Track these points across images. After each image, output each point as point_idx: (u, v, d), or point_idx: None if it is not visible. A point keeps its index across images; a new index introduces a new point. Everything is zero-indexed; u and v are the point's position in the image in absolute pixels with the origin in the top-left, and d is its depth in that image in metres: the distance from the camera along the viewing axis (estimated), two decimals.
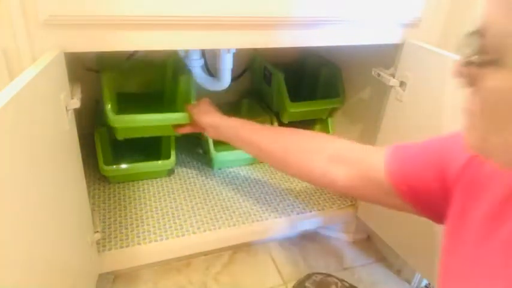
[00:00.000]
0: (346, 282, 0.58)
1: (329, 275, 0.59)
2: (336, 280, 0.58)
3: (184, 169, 1.07)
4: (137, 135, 0.91)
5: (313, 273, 0.59)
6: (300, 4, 0.63)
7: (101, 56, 0.98)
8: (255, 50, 1.18)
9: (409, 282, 0.89)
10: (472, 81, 0.27)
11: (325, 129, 1.16)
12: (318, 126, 1.19)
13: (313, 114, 1.14)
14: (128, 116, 0.85)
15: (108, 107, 0.83)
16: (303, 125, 1.23)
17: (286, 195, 1.01)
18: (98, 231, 0.72)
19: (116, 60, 0.99)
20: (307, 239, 0.98)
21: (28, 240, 0.41)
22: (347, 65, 1.08)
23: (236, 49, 0.92)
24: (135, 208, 0.91)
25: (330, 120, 1.15)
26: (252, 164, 1.13)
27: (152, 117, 0.86)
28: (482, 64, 0.25)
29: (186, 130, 0.88)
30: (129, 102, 0.98)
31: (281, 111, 1.10)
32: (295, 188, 1.04)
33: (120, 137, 0.90)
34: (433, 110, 0.69)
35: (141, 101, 1.03)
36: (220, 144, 1.09)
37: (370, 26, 0.72)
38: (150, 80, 1.07)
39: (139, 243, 0.81)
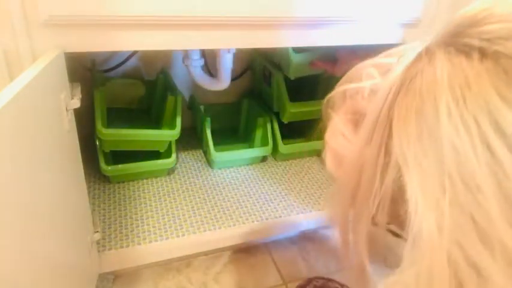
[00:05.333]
0: (347, 286, 0.58)
1: (330, 280, 0.59)
2: (337, 285, 0.58)
3: (184, 169, 1.07)
4: (123, 148, 0.95)
5: (314, 278, 0.59)
6: (300, 4, 0.63)
7: (95, 72, 1.01)
8: (255, 50, 1.18)
9: None
10: None
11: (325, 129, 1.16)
12: (318, 128, 1.19)
13: (314, 114, 1.14)
14: (116, 130, 0.91)
15: (99, 121, 0.88)
16: (302, 125, 1.23)
17: (286, 195, 1.01)
18: (98, 231, 0.72)
19: (108, 77, 1.08)
20: (307, 239, 0.98)
21: (28, 240, 0.41)
22: None
23: (236, 49, 0.92)
24: (135, 208, 0.91)
25: None
26: (252, 164, 1.13)
27: (138, 132, 0.93)
28: None
29: None
30: (118, 117, 1.04)
31: (281, 112, 1.10)
32: (295, 188, 1.04)
33: (107, 149, 0.94)
34: None
35: (130, 117, 1.09)
36: (220, 144, 1.09)
37: (370, 26, 0.71)
38: (140, 97, 1.14)
39: (139, 243, 0.81)
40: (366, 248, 0.33)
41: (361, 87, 0.35)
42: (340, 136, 0.37)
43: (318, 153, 1.21)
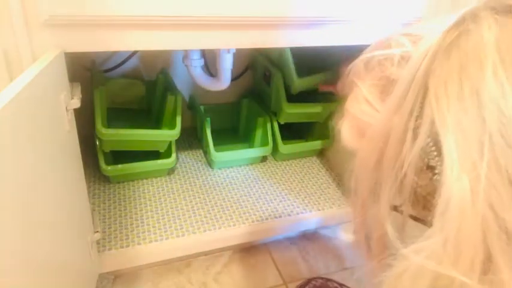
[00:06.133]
0: (346, 286, 0.58)
1: (329, 280, 0.59)
2: (336, 285, 0.58)
3: (184, 169, 1.07)
4: (123, 148, 0.95)
5: (313, 278, 0.59)
6: (300, 4, 0.63)
7: (95, 72, 1.01)
8: (255, 50, 1.18)
9: None
10: None
11: (325, 132, 1.16)
12: (318, 129, 1.18)
13: (312, 117, 1.14)
14: (116, 130, 0.90)
15: (99, 120, 0.87)
16: (303, 127, 1.23)
17: (286, 195, 1.01)
18: (98, 231, 0.72)
19: (108, 77, 1.08)
20: (307, 239, 0.98)
21: (28, 240, 0.41)
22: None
23: (236, 49, 0.92)
24: (135, 208, 0.91)
25: (331, 123, 1.14)
26: (252, 164, 1.13)
27: (138, 132, 0.93)
28: None
29: None
30: (118, 117, 1.04)
31: (278, 112, 1.10)
32: (295, 188, 1.04)
33: (107, 149, 0.94)
34: None
35: (130, 117, 1.09)
36: (220, 144, 1.09)
37: (370, 26, 0.71)
38: (140, 97, 1.14)
39: (139, 243, 0.81)
40: (389, 217, 0.31)
41: (391, 54, 0.34)
42: (365, 103, 0.35)
43: (318, 154, 1.21)
